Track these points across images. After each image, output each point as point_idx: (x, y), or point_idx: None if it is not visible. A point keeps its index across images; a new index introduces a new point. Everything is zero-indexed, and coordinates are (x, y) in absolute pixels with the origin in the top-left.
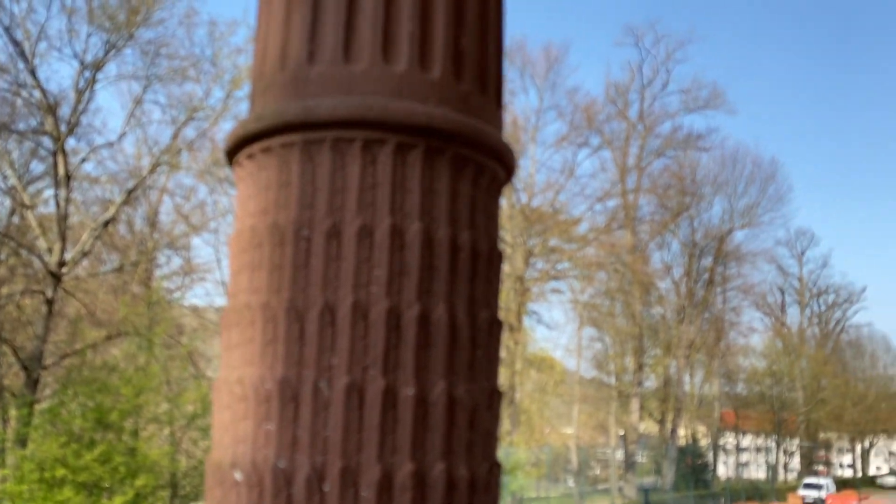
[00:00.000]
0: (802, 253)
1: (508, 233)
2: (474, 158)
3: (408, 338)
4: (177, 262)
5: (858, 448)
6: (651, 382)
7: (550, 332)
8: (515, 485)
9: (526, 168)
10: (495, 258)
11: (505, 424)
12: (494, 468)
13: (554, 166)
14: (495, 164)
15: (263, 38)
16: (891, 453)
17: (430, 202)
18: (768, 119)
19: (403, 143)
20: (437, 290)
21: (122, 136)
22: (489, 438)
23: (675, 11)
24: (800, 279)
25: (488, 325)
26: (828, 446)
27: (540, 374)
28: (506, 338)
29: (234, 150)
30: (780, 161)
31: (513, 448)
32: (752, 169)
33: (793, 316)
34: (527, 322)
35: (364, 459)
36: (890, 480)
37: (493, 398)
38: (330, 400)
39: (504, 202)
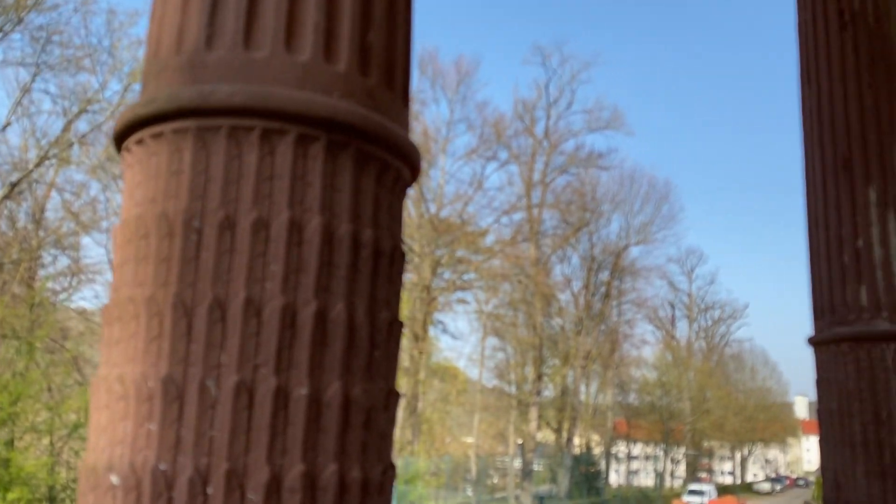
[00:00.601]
0: (692, 270)
1: (417, 242)
2: (379, 155)
3: (303, 336)
4: (64, 261)
5: (738, 456)
6: (549, 392)
7: (455, 341)
8: (414, 494)
9: (436, 178)
10: (398, 258)
11: (406, 434)
12: (389, 470)
13: (463, 178)
14: (401, 162)
15: (159, 19)
16: (766, 461)
17: (332, 197)
18: (663, 142)
19: (305, 135)
20: (336, 288)
21: (7, 125)
22: (384, 440)
23: (581, 34)
24: (689, 295)
25: (388, 326)
26: (710, 454)
27: (443, 384)
28: (410, 347)
29: (123, 135)
30: (673, 182)
31: (413, 457)
32: (648, 189)
33: (682, 330)
34: (432, 332)
35: (252, 461)
36: (765, 486)
37: (390, 399)
38: (217, 399)
39: (413, 211)
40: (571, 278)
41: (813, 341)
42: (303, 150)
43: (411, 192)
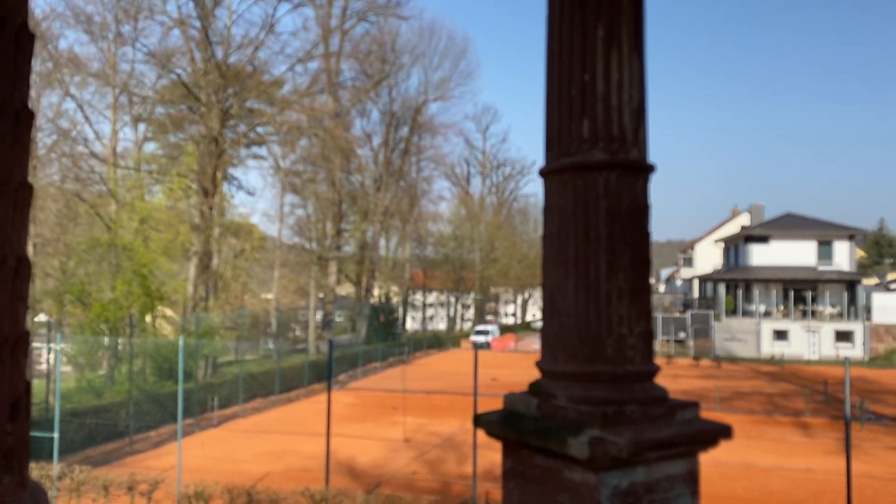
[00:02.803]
0: (486, 128)
1: (203, 91)
2: None
3: None
4: None
5: (520, 299)
6: (350, 247)
7: (251, 197)
8: (209, 348)
9: (222, 19)
10: None
11: (200, 290)
12: None
13: (253, 20)
14: None
15: None
16: None
17: None
18: None
19: None
20: None
21: None
22: None
23: None
24: (483, 152)
25: None
26: (497, 299)
27: (238, 240)
28: (201, 203)
29: None
30: (471, 38)
31: (206, 313)
32: (447, 43)
33: (476, 186)
34: (225, 187)
35: None
36: (540, 324)
37: None
38: None
39: (198, 55)
40: (371, 133)
41: (542, 172)
42: None
43: (195, 33)
